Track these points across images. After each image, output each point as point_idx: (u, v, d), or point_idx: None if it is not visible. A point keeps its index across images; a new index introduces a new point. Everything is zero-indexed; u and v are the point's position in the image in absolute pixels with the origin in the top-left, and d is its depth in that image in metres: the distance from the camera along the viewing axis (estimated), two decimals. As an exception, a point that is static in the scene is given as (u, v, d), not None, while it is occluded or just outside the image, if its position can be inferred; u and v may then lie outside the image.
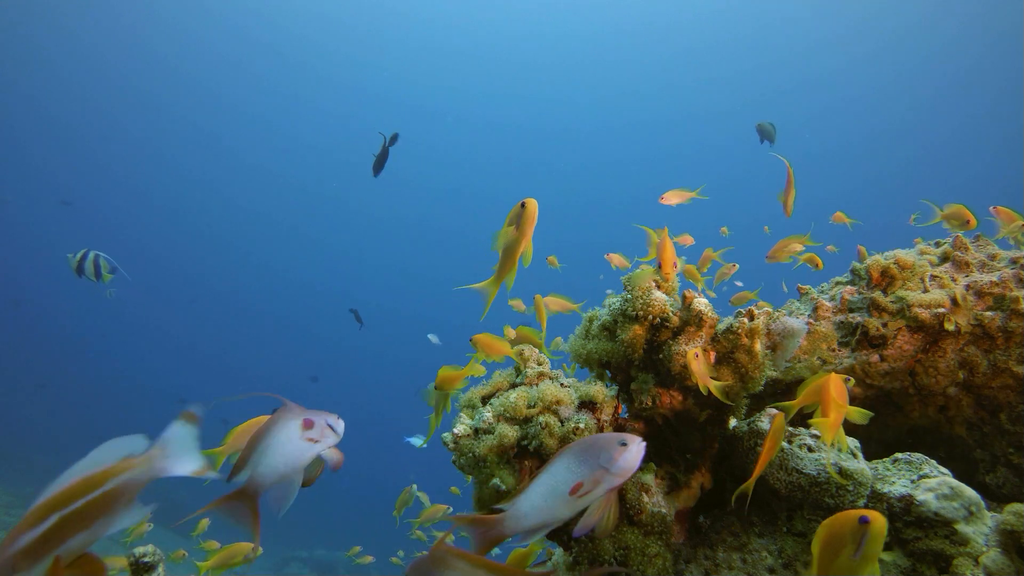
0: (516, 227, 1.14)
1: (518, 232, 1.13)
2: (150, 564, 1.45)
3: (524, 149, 29.67)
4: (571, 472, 0.91)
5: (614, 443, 0.90)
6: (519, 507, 0.94)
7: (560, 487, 0.91)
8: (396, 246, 31.13)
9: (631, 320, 1.36)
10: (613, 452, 0.89)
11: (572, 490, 0.89)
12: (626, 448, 0.89)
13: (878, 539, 0.79)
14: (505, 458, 1.29)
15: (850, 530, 0.80)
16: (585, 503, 0.92)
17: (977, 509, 1.15)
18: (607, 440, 0.91)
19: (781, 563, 1.24)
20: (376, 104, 27.85)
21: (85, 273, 3.68)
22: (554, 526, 0.95)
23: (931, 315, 1.57)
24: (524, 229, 1.13)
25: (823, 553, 0.82)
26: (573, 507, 0.92)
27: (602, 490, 0.90)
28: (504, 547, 3.31)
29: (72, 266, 3.66)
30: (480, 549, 0.97)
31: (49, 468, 8.39)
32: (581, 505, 0.92)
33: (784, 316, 1.36)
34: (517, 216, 1.13)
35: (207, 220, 28.08)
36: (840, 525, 0.82)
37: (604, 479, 0.89)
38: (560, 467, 0.92)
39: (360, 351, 26.70)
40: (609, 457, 0.89)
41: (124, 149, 25.18)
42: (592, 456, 0.90)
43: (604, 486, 0.90)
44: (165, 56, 22.80)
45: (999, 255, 1.72)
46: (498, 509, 0.96)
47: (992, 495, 1.52)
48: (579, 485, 0.89)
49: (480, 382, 1.49)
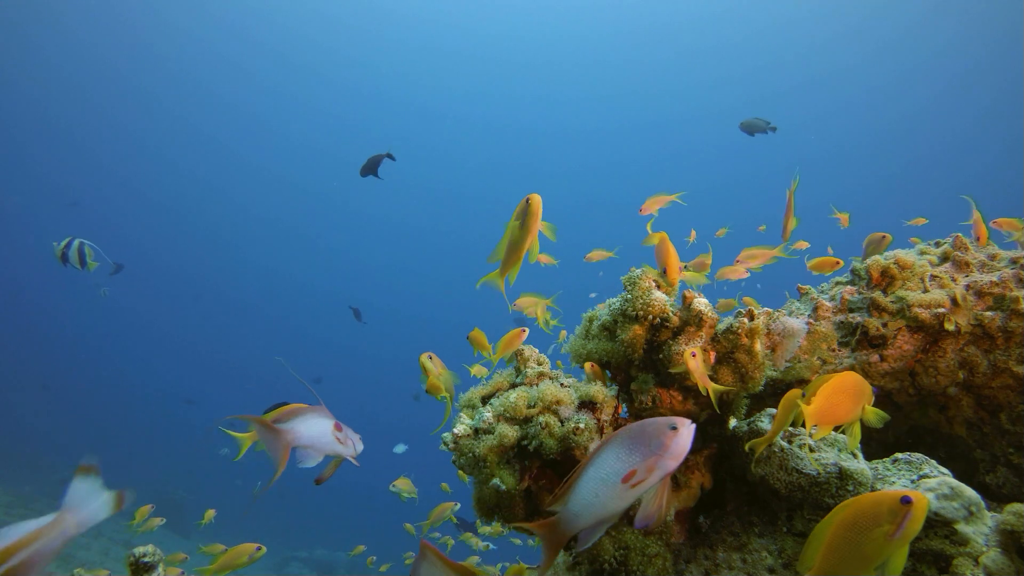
0: (521, 223, 1.16)
1: (523, 228, 1.15)
2: (150, 564, 1.44)
3: (524, 149, 29.69)
4: (621, 462, 0.88)
5: (665, 428, 0.87)
6: (570, 507, 0.91)
7: (611, 478, 0.88)
8: (396, 246, 31.14)
9: (631, 320, 1.36)
10: (664, 437, 0.87)
11: (626, 478, 0.87)
12: (677, 432, 0.86)
13: (919, 521, 0.77)
14: (505, 458, 1.29)
15: (888, 509, 0.78)
16: (638, 493, 0.89)
17: (977, 509, 1.15)
18: (656, 425, 0.88)
19: (781, 563, 1.24)
20: (376, 104, 27.86)
21: (69, 261, 3.66)
22: (610, 522, 0.92)
23: (931, 315, 1.57)
24: (529, 224, 1.15)
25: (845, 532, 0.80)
26: (627, 498, 0.89)
27: (656, 477, 0.88)
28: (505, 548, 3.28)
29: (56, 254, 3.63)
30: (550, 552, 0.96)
31: (53, 467, 8.33)
32: (635, 495, 0.89)
33: (784, 316, 1.36)
34: (523, 212, 1.15)
35: (209, 221, 28.11)
36: (873, 505, 0.80)
37: (658, 465, 0.87)
38: (609, 458, 0.89)
39: (360, 351, 26.72)
40: (661, 443, 0.86)
41: (125, 150, 25.20)
42: (643, 443, 0.88)
43: (659, 472, 0.87)
44: (165, 56, 22.81)
45: (999, 255, 1.72)
46: (550, 512, 0.94)
47: (992, 495, 1.52)
48: (633, 473, 0.87)
49: (480, 382, 1.49)
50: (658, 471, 0.87)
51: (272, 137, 27.62)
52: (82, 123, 24.08)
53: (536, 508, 1.32)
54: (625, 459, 0.88)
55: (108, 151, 25.06)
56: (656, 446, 0.87)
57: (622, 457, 0.88)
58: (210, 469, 13.89)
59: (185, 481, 12.37)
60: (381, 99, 27.64)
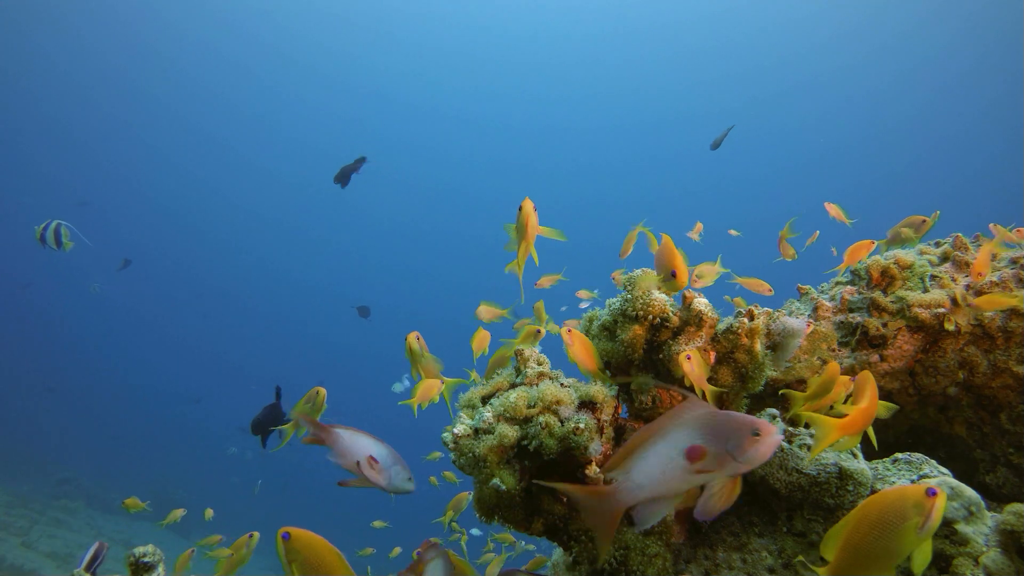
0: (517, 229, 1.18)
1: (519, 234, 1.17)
2: (150, 564, 1.44)
3: (525, 149, 29.67)
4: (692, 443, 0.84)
5: (747, 430, 0.81)
6: (634, 477, 0.86)
7: (681, 458, 0.83)
8: (397, 246, 31.13)
9: (631, 320, 1.36)
10: (744, 441, 0.81)
11: (694, 457, 0.82)
12: (759, 440, 0.80)
13: (942, 512, 0.78)
14: (505, 458, 1.29)
15: (914, 503, 0.78)
16: (700, 481, 0.85)
17: (977, 509, 1.15)
18: (739, 424, 0.82)
19: (781, 563, 1.24)
20: (376, 104, 27.84)
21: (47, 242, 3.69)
22: (666, 504, 0.88)
23: (931, 315, 1.57)
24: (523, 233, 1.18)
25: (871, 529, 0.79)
26: (689, 482, 0.84)
27: (722, 474, 0.83)
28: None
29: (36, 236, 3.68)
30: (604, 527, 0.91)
31: (53, 467, 8.33)
32: (696, 482, 0.85)
33: (784, 316, 1.36)
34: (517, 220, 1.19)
35: (210, 221, 28.09)
36: (899, 500, 0.79)
37: (728, 465, 0.82)
38: (681, 437, 0.84)
39: (361, 351, 26.69)
40: (738, 445, 0.81)
41: (128, 150, 25.19)
42: (720, 437, 0.82)
43: (727, 471, 0.83)
44: (165, 56, 22.81)
45: (999, 255, 1.72)
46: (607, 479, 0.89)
47: (992, 495, 1.52)
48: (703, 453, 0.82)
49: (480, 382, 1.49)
50: (727, 470, 0.83)
51: (273, 136, 27.62)
52: (83, 123, 24.08)
53: (536, 508, 1.32)
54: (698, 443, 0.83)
55: (111, 151, 25.07)
56: (733, 446, 0.82)
57: (696, 441, 0.83)
58: (209, 469, 13.89)
59: (185, 481, 12.37)
60: (382, 99, 27.64)
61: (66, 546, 7.30)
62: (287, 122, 27.35)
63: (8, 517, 7.59)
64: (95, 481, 10.58)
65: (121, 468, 12.13)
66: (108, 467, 11.83)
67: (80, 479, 10.31)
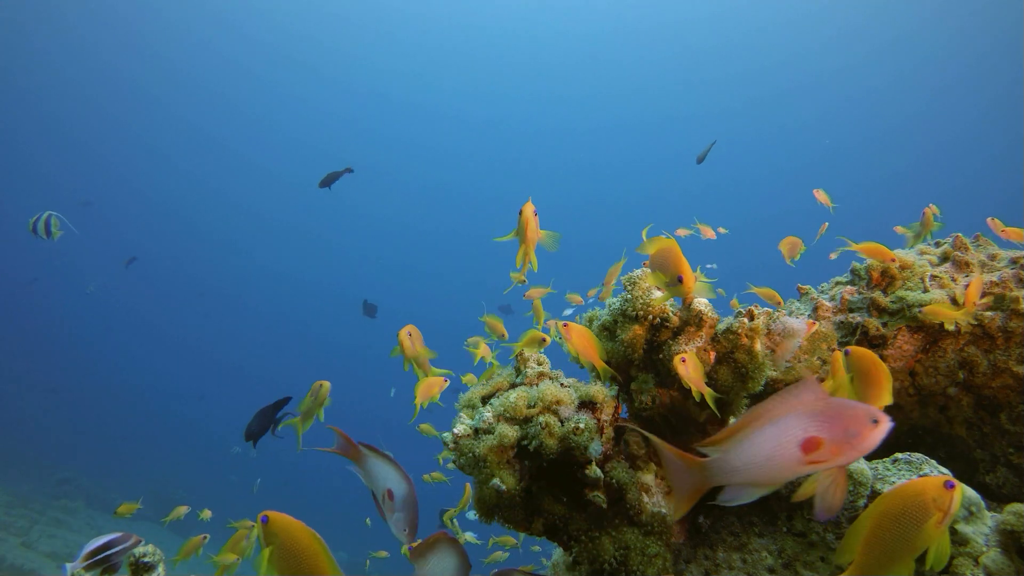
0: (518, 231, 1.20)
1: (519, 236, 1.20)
2: (150, 564, 1.45)
3: (525, 149, 29.68)
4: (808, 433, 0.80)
5: (866, 419, 0.79)
6: (731, 459, 0.84)
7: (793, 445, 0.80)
8: (397, 246, 31.13)
9: (631, 320, 1.36)
10: (863, 428, 0.78)
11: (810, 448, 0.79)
12: (876, 427, 0.78)
13: (958, 504, 0.79)
14: (505, 458, 1.29)
15: (933, 497, 0.79)
16: (809, 471, 0.82)
17: (977, 509, 1.15)
18: (857, 411, 0.79)
19: (781, 563, 1.24)
20: (376, 104, 27.85)
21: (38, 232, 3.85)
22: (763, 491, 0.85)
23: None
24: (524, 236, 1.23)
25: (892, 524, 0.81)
26: (796, 472, 0.81)
27: (835, 464, 0.80)
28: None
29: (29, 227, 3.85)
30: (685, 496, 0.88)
31: (53, 466, 8.33)
32: (803, 472, 0.81)
33: (784, 316, 1.36)
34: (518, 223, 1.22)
35: (212, 221, 28.10)
36: (918, 494, 0.80)
37: (845, 453, 0.78)
38: (794, 425, 0.81)
39: (362, 351, 26.68)
40: (857, 432, 0.78)
41: (129, 150, 25.19)
42: (838, 424, 0.79)
43: (840, 460, 0.80)
44: (165, 56, 22.81)
45: (999, 255, 1.72)
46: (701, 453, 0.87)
47: (992, 495, 1.52)
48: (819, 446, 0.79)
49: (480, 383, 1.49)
50: (841, 459, 0.79)
51: (273, 136, 27.62)
52: (83, 124, 24.08)
53: (536, 508, 1.32)
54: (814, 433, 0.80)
55: (111, 151, 25.07)
56: (852, 434, 0.78)
57: (810, 430, 0.80)
58: (209, 468, 13.89)
59: (183, 480, 12.37)
60: (382, 99, 27.64)
61: (66, 546, 7.31)
62: (287, 122, 27.36)
63: (8, 517, 7.59)
64: (95, 481, 10.58)
65: (121, 468, 12.13)
66: (108, 467, 11.83)
67: (80, 479, 10.31)
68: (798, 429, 0.80)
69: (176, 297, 25.49)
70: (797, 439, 0.80)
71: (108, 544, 1.50)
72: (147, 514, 8.52)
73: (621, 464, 1.31)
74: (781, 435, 0.81)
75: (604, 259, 2.55)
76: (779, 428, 0.81)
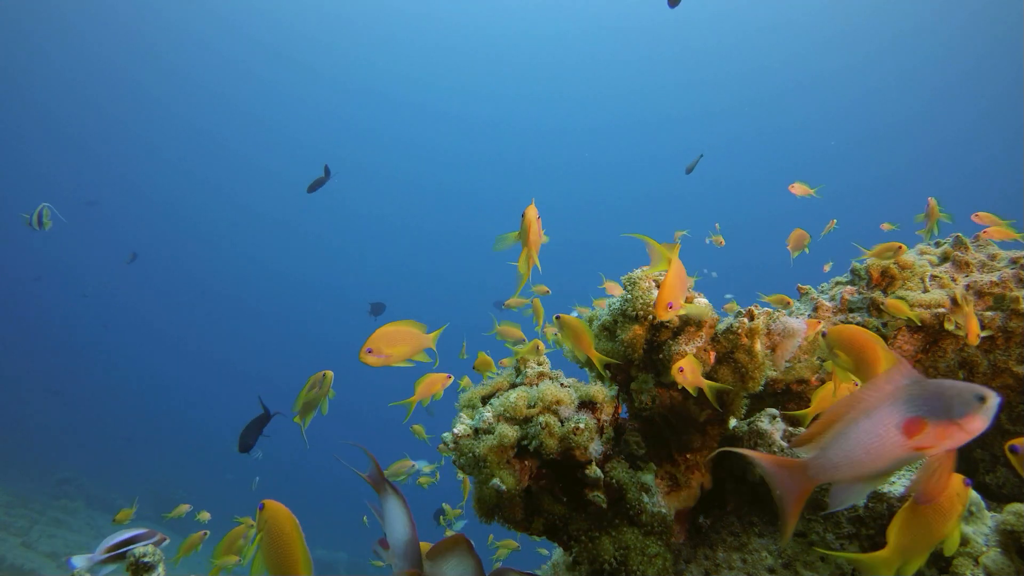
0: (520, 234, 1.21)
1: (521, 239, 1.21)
2: (150, 564, 1.44)
3: (525, 149, 29.67)
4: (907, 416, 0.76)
5: (971, 396, 0.73)
6: (829, 456, 0.79)
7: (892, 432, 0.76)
8: (397, 246, 31.14)
9: (631, 320, 1.36)
10: (971, 407, 0.73)
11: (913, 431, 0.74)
12: (984, 404, 0.73)
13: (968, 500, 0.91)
14: (505, 458, 1.29)
15: (957, 492, 0.86)
16: (916, 458, 0.77)
17: (977, 509, 1.15)
18: (960, 390, 0.74)
19: (781, 563, 1.24)
20: (376, 104, 27.83)
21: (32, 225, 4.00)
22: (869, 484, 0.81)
23: (931, 315, 1.57)
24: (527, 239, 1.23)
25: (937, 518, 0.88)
26: (902, 460, 0.77)
27: (942, 447, 0.75)
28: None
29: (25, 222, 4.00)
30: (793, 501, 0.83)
31: (53, 466, 8.32)
32: (910, 460, 0.77)
33: (784, 316, 1.36)
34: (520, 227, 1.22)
35: (212, 221, 28.10)
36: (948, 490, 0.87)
37: (952, 435, 0.73)
38: (891, 411, 0.76)
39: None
40: (964, 412, 0.73)
41: (126, 150, 25.18)
42: (941, 405, 0.74)
43: (948, 443, 0.74)
44: (165, 56, 22.80)
45: (999, 255, 1.72)
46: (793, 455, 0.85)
47: (992, 495, 1.52)
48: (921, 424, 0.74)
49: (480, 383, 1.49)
50: (949, 441, 0.74)
51: (273, 136, 27.61)
52: (84, 124, 24.07)
53: (536, 508, 1.32)
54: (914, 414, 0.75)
55: (111, 151, 25.05)
56: (958, 413, 0.73)
57: (909, 412, 0.75)
58: (209, 468, 13.89)
59: (183, 480, 12.37)
60: (381, 98, 27.62)
61: (66, 546, 7.30)
62: (287, 122, 27.34)
63: (8, 517, 7.59)
64: (95, 481, 10.58)
65: (121, 468, 12.13)
66: (108, 467, 11.83)
67: (80, 479, 10.31)
68: (896, 413, 0.76)
69: (176, 297, 25.49)
70: (896, 422, 0.75)
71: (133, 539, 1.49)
72: (147, 513, 8.53)
73: (621, 464, 1.31)
74: (879, 421, 0.77)
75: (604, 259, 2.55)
76: (874, 417, 0.77)
